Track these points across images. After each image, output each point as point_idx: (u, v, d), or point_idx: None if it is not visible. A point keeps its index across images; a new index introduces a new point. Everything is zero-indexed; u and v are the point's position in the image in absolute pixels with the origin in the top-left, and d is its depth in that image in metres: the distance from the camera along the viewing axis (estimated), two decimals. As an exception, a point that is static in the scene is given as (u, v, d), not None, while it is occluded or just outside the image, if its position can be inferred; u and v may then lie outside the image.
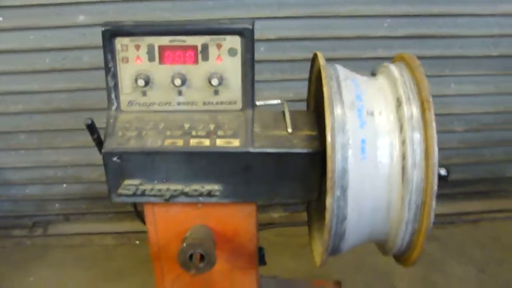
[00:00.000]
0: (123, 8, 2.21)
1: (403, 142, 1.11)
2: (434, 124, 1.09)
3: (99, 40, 2.24)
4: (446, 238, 2.59)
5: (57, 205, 2.70)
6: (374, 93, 1.20)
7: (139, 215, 1.59)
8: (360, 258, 2.41)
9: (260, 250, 1.52)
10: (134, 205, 1.54)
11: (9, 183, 2.62)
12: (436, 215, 2.84)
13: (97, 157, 2.47)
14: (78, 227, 2.73)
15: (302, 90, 1.55)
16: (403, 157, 1.11)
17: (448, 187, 2.74)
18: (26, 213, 2.71)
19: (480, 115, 2.60)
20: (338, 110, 1.12)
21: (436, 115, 1.66)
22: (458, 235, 2.64)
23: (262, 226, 2.61)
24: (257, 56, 1.29)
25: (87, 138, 2.48)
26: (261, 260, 1.55)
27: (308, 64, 1.41)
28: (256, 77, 1.30)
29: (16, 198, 2.67)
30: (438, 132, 1.39)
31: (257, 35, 1.26)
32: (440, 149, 1.10)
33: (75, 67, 2.33)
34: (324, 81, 1.13)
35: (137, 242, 2.64)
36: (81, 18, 2.22)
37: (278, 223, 2.73)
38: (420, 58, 1.20)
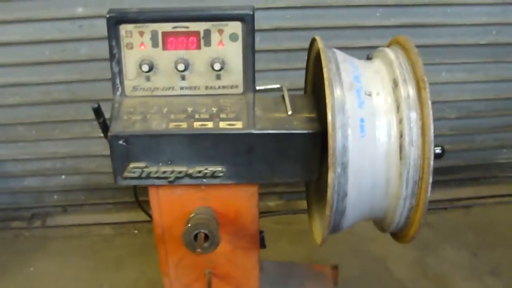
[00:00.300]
0: (120, 0, 2.24)
1: (400, 121, 1.16)
2: (429, 103, 1.13)
3: (97, 32, 2.29)
4: (439, 223, 2.65)
5: (55, 196, 2.72)
6: (371, 75, 1.25)
7: (139, 203, 1.63)
8: (356, 243, 2.47)
9: (261, 232, 1.56)
10: (135, 192, 1.58)
11: (8, 176, 2.64)
12: (429, 201, 2.89)
13: (95, 148, 2.53)
14: (77, 218, 2.75)
15: (297, 79, 1.59)
16: (401, 135, 1.15)
17: (440, 174, 2.79)
18: (25, 205, 2.73)
19: (470, 102, 2.65)
20: (337, 91, 1.16)
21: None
22: (450, 220, 2.69)
23: (259, 214, 2.65)
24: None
25: (85, 130, 2.54)
26: (261, 243, 1.59)
27: (303, 54, 1.45)
28: (252, 67, 1.34)
29: (14, 190, 2.69)
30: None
31: (252, 25, 1.30)
32: (432, 135, 1.17)
33: (73, 59, 2.35)
34: (323, 63, 1.17)
35: (136, 231, 2.68)
36: (80, 10, 2.24)
37: (275, 211, 2.77)
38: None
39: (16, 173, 2.64)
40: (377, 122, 1.17)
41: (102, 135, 1.27)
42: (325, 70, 1.16)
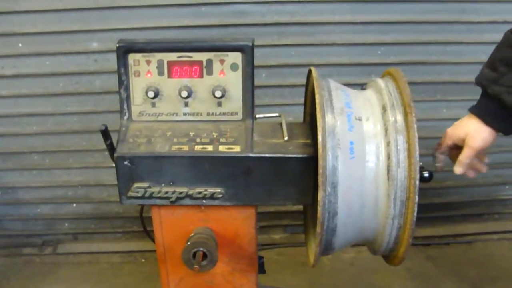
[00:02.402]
0: (135, 36, 2.33)
1: (388, 144, 1.22)
2: (415, 127, 1.20)
3: (110, 66, 2.40)
4: (441, 258, 2.66)
5: (66, 224, 2.78)
6: (362, 102, 1.32)
7: (146, 231, 1.69)
8: (358, 275, 2.49)
9: (260, 258, 1.60)
10: (142, 220, 1.65)
11: (21, 203, 2.70)
12: (432, 237, 2.91)
13: (107, 178, 2.61)
14: (87, 246, 2.80)
15: (301, 114, 1.66)
16: (388, 157, 1.22)
17: (443, 210, 2.83)
18: (37, 232, 2.78)
19: (471, 139, 2.69)
20: (328, 115, 1.23)
21: (429, 138, 1.78)
22: (453, 255, 2.70)
23: (263, 246, 2.70)
24: (259, 82, 1.41)
25: (97, 159, 2.62)
26: (261, 268, 1.62)
27: (306, 90, 1.54)
28: (258, 102, 1.42)
29: (27, 217, 2.75)
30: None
31: (259, 62, 1.38)
32: (434, 170, 1.28)
33: (87, 91, 2.44)
34: (316, 90, 1.25)
35: (143, 260, 2.72)
36: (94, 45, 2.35)
37: (279, 243, 2.81)
38: (412, 83, 1.30)
39: (29, 200, 2.70)
40: (366, 144, 1.24)
41: (113, 165, 1.34)
42: (317, 96, 1.24)
